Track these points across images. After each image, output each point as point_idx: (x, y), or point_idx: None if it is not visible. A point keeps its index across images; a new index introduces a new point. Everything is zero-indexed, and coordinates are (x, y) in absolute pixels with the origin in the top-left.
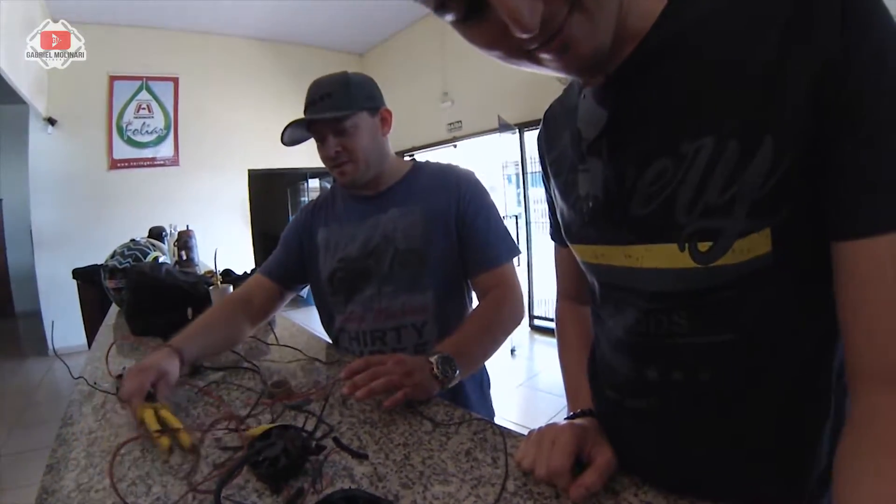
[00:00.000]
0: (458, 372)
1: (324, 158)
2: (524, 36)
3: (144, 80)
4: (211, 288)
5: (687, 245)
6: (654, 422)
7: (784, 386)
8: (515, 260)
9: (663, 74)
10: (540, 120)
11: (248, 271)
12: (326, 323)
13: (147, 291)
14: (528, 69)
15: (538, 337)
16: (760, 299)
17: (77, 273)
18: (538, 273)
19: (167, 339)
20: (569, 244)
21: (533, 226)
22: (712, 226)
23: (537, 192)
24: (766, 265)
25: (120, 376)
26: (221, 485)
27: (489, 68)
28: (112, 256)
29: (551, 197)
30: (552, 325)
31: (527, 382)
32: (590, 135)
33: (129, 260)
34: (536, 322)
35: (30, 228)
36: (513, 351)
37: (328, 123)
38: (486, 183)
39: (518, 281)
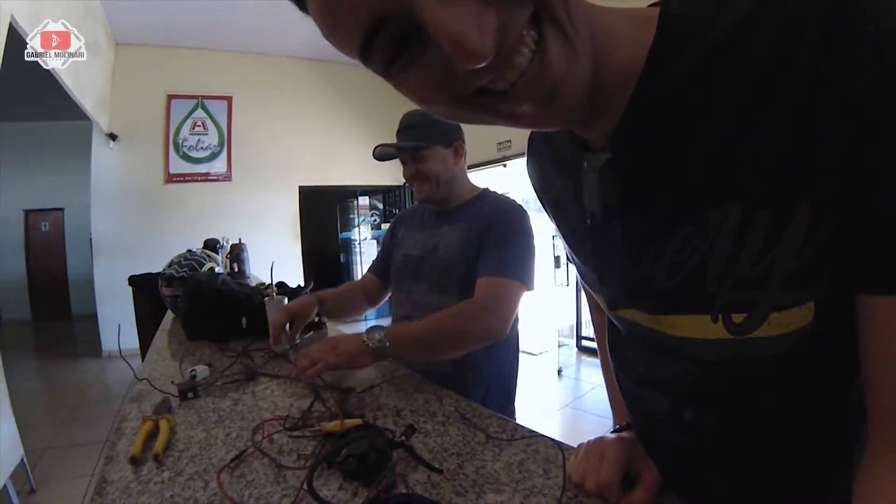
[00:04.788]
0: (385, 339)
1: (405, 176)
2: (476, 66)
3: (200, 98)
4: (266, 299)
5: (720, 316)
6: (689, 457)
7: (815, 427)
8: (524, 289)
9: (673, 133)
10: None
11: (301, 285)
12: None
13: (204, 299)
14: (483, 122)
15: (585, 358)
16: (801, 366)
17: (133, 280)
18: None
19: (221, 344)
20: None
21: None
22: (746, 297)
23: None
24: (807, 336)
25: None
26: (312, 471)
27: None
28: (169, 265)
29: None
30: None
31: (573, 403)
32: (600, 207)
33: (186, 269)
34: (584, 343)
35: (90, 237)
36: (560, 371)
37: (407, 150)
38: (534, 204)
39: (503, 298)
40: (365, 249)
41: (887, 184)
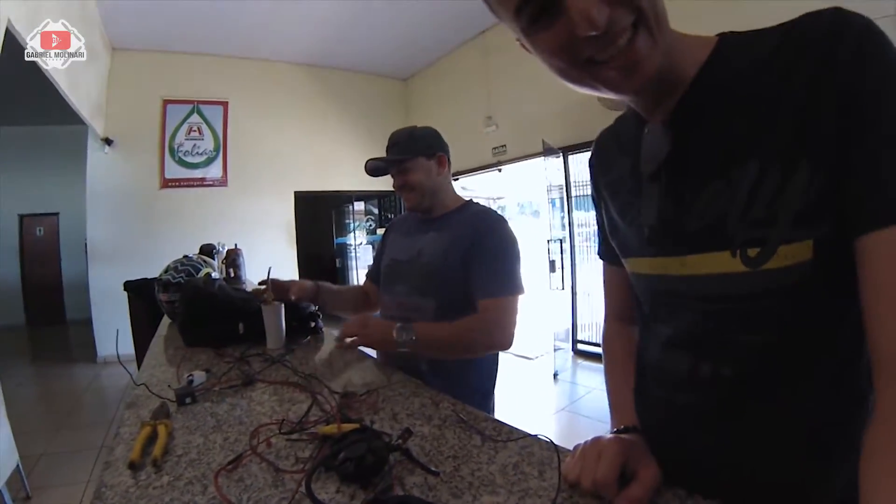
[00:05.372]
0: (412, 333)
1: (394, 188)
2: (591, 33)
3: (196, 103)
4: (263, 305)
5: (739, 251)
6: (703, 414)
7: (822, 384)
8: (519, 297)
9: (716, 114)
10: (583, 143)
11: None
12: None
13: (201, 305)
14: (585, 88)
15: (581, 361)
16: (804, 304)
17: (128, 286)
18: (581, 297)
19: (218, 350)
20: (624, 259)
21: (577, 250)
22: (759, 234)
23: (581, 216)
24: (808, 272)
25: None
26: (310, 475)
27: (533, 92)
28: (166, 271)
29: (602, 217)
30: (595, 349)
31: (569, 407)
32: (652, 165)
33: (183, 275)
34: (580, 346)
35: (85, 242)
36: (555, 375)
37: (394, 164)
38: (530, 207)
39: (506, 315)
40: (360, 254)
41: (868, 139)
